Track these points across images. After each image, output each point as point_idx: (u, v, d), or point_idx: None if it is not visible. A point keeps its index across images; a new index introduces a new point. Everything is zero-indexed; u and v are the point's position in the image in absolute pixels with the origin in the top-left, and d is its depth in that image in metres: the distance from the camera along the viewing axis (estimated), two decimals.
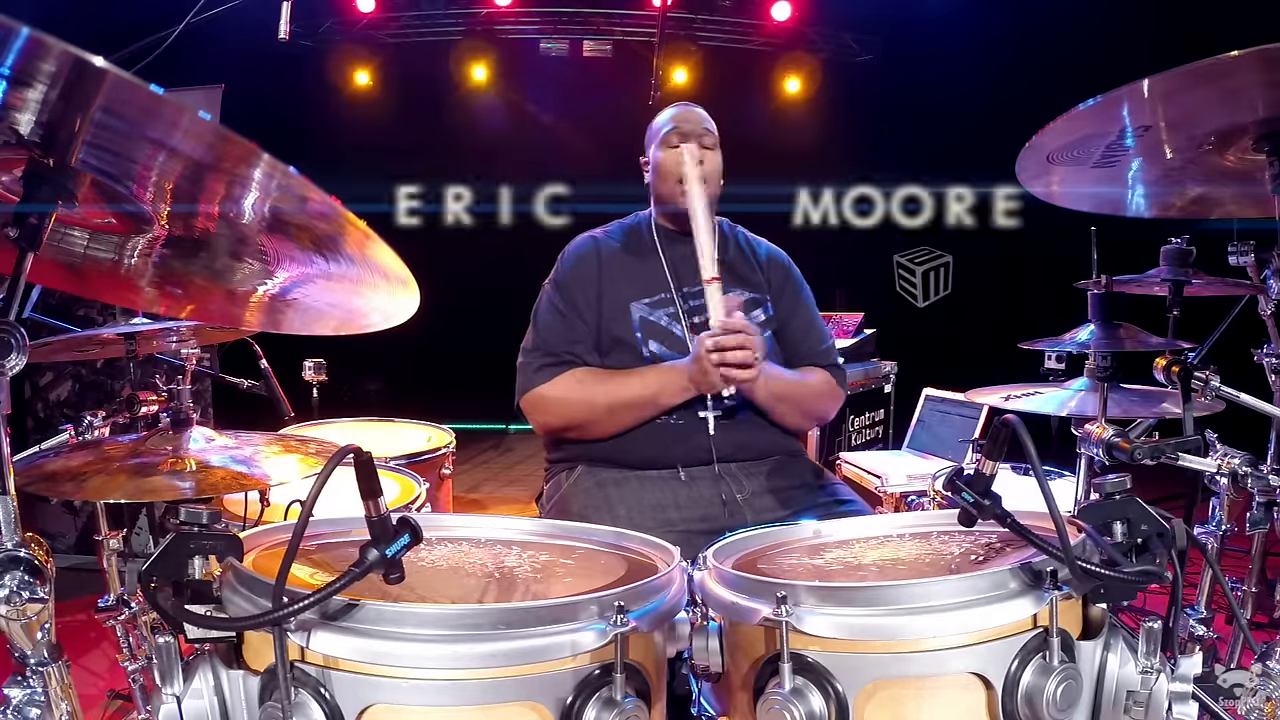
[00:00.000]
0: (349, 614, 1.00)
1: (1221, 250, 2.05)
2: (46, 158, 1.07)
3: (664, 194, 2.21)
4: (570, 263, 2.22)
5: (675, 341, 2.10)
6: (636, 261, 2.20)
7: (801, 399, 2.16)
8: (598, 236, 2.27)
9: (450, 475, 2.92)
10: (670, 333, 2.11)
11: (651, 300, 2.15)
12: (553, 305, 2.16)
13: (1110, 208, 1.94)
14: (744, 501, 2.01)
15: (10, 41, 0.78)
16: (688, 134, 2.18)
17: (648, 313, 2.14)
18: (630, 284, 2.16)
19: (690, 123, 2.21)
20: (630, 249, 2.23)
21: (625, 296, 2.14)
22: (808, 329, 2.26)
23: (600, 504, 2.00)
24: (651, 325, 2.13)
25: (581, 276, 2.17)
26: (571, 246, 2.27)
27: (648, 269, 2.19)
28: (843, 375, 2.28)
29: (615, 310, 2.13)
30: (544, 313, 2.17)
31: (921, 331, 7.09)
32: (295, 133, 7.10)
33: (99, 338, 2.17)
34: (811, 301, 2.32)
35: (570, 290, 2.16)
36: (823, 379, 2.22)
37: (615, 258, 2.21)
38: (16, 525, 1.03)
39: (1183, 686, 1.08)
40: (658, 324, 2.13)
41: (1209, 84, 1.35)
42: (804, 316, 2.27)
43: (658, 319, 2.14)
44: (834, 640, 1.04)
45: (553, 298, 2.17)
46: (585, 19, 7.68)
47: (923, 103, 7.02)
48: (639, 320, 2.12)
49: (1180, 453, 1.51)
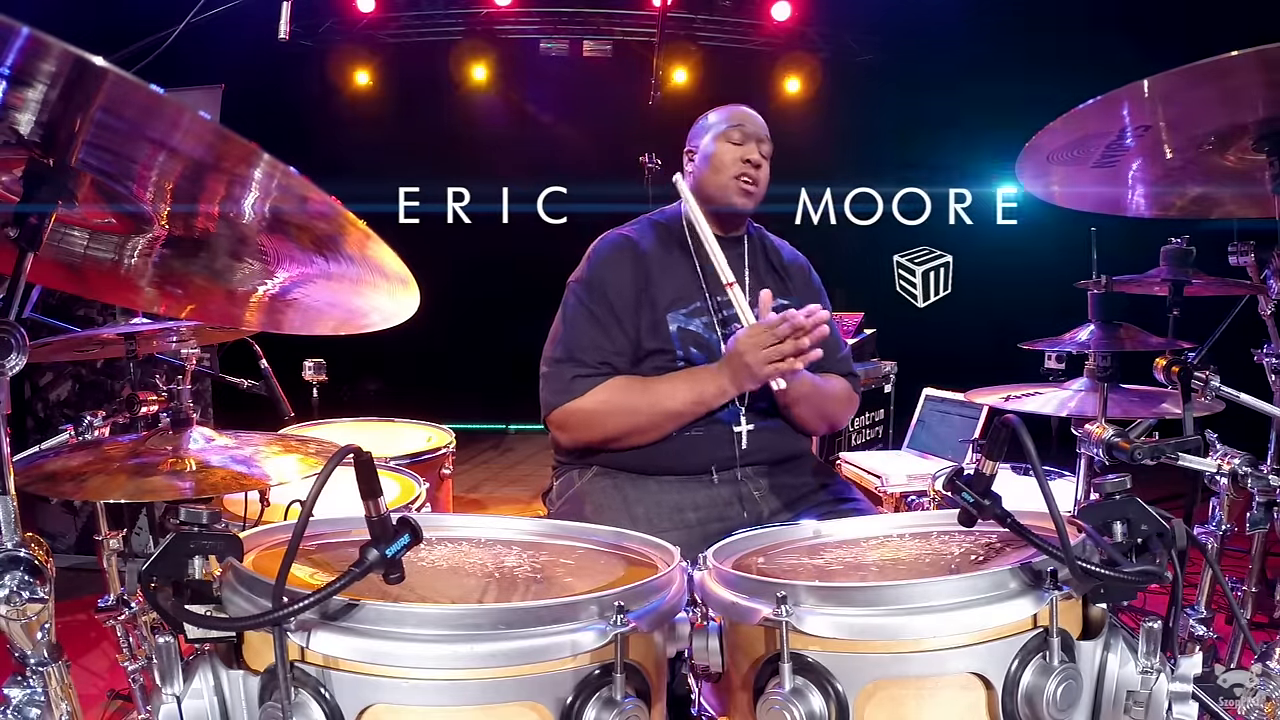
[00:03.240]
0: (349, 614, 1.00)
1: (1221, 250, 2.06)
2: (46, 158, 1.07)
3: (714, 186, 2.13)
4: (605, 264, 2.10)
5: (710, 348, 2.05)
6: (671, 265, 2.12)
7: (824, 402, 2.14)
8: (631, 236, 2.16)
9: (450, 475, 2.92)
10: (707, 342, 2.06)
11: (688, 310, 2.08)
12: (586, 309, 2.05)
13: (1110, 208, 1.94)
14: (760, 498, 2.02)
15: (10, 41, 0.78)
16: (750, 135, 2.14)
17: (685, 321, 2.07)
18: (667, 290, 2.08)
19: (754, 123, 2.17)
20: (665, 250, 2.14)
21: (663, 304, 2.06)
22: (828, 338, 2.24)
23: (618, 503, 1.98)
24: (689, 334, 2.06)
25: (618, 280, 2.06)
26: (605, 245, 2.16)
27: (682, 273, 2.11)
28: (858, 382, 2.28)
29: (654, 320, 2.05)
30: (576, 317, 2.05)
31: (921, 331, 7.09)
32: (295, 133, 7.11)
33: (99, 338, 2.17)
34: (829, 308, 2.30)
35: (605, 294, 2.05)
36: (841, 385, 2.21)
37: (652, 261, 2.11)
38: (16, 525, 1.03)
39: (1183, 686, 1.08)
40: (695, 332, 2.07)
41: (1209, 84, 1.35)
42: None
43: (694, 327, 2.07)
44: (834, 640, 1.04)
45: (585, 300, 2.06)
46: (585, 19, 7.68)
47: (923, 102, 7.02)
48: (676, 330, 2.06)
49: (1180, 453, 1.51)
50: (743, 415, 2.04)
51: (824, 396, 2.15)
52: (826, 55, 7.87)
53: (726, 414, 2.03)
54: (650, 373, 2.04)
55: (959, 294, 7.78)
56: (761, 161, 2.16)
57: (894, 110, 7.21)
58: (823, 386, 2.14)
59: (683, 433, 2.02)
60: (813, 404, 2.11)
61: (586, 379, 1.99)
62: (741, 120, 2.17)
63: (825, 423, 2.21)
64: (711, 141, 2.16)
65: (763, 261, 2.25)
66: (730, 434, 2.03)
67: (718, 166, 2.13)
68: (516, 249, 7.29)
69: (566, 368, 2.01)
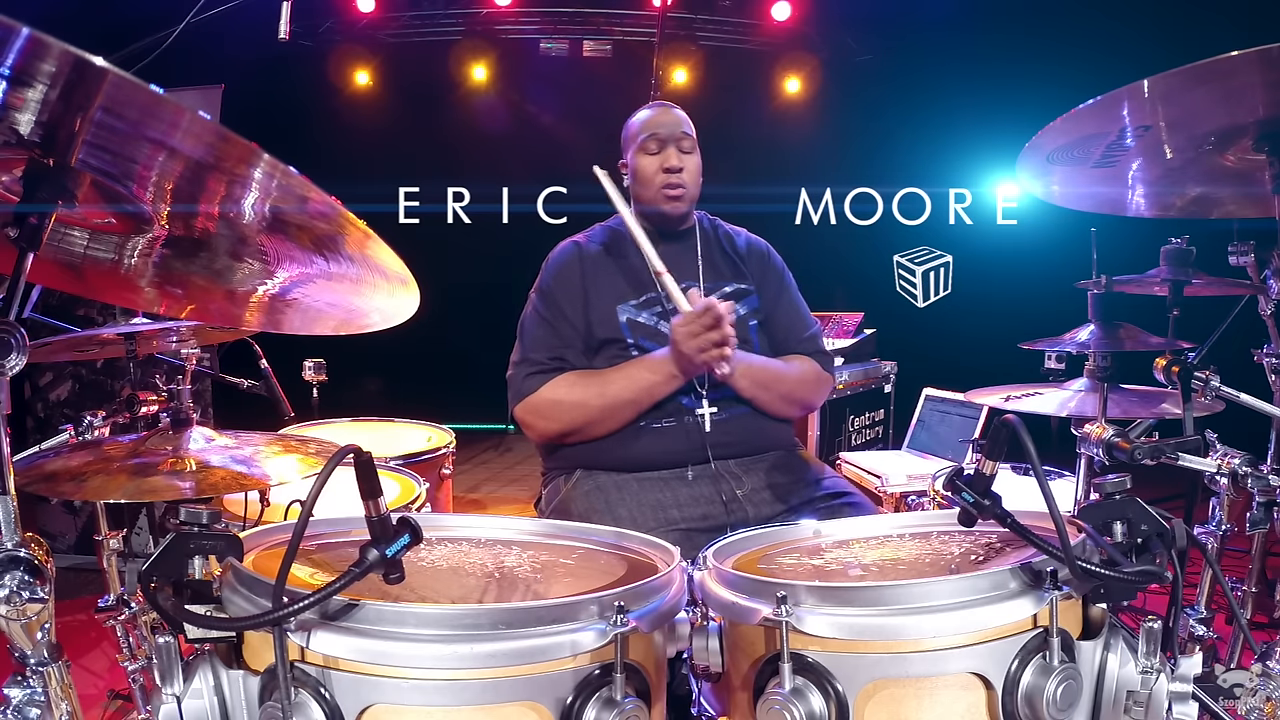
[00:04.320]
0: (349, 614, 1.00)
1: (1221, 250, 2.05)
2: (46, 158, 1.07)
3: (645, 199, 2.21)
4: (554, 270, 2.21)
5: (663, 339, 2.09)
6: (620, 262, 2.20)
7: (785, 386, 2.15)
8: (580, 241, 2.27)
9: (450, 475, 2.92)
10: (658, 331, 2.11)
11: (638, 301, 2.15)
12: (538, 314, 2.16)
13: (1110, 208, 1.94)
14: (744, 498, 2.02)
15: (10, 41, 0.78)
16: (664, 139, 2.18)
17: (634, 313, 2.14)
18: (615, 285, 2.16)
19: (666, 126, 2.20)
20: (613, 251, 2.23)
21: (611, 298, 2.14)
22: (791, 317, 2.26)
23: (601, 506, 2.00)
24: (639, 325, 2.13)
25: (566, 282, 2.17)
26: (554, 254, 2.26)
27: (631, 269, 2.19)
28: (829, 361, 2.29)
29: (602, 313, 2.13)
30: (530, 323, 2.17)
31: (921, 331, 7.09)
32: (295, 133, 7.11)
33: (99, 338, 2.17)
34: (794, 288, 2.32)
35: (555, 297, 2.16)
36: (808, 366, 2.22)
37: (599, 260, 2.21)
38: (16, 525, 1.03)
39: (1183, 686, 1.08)
40: (645, 323, 2.14)
41: (1209, 84, 1.35)
42: (787, 305, 2.27)
43: (645, 319, 2.14)
44: (834, 640, 1.04)
45: (538, 306, 2.17)
46: (585, 19, 7.68)
47: (923, 102, 7.02)
48: (626, 321, 2.13)
49: (1180, 453, 1.51)
50: (704, 400, 2.07)
51: (787, 381, 2.16)
52: (826, 55, 7.87)
53: (688, 400, 2.07)
54: (605, 363, 2.10)
55: (959, 294, 7.78)
56: (682, 163, 2.18)
57: (894, 110, 7.21)
58: (782, 370, 2.16)
59: (651, 424, 2.06)
60: (772, 389, 2.13)
61: (538, 375, 2.08)
62: (653, 127, 2.20)
63: (794, 405, 2.21)
64: (633, 156, 2.23)
65: (716, 249, 2.28)
66: (697, 422, 2.06)
67: (643, 180, 2.21)
68: (516, 249, 7.28)
69: (522, 368, 2.11)
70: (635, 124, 2.26)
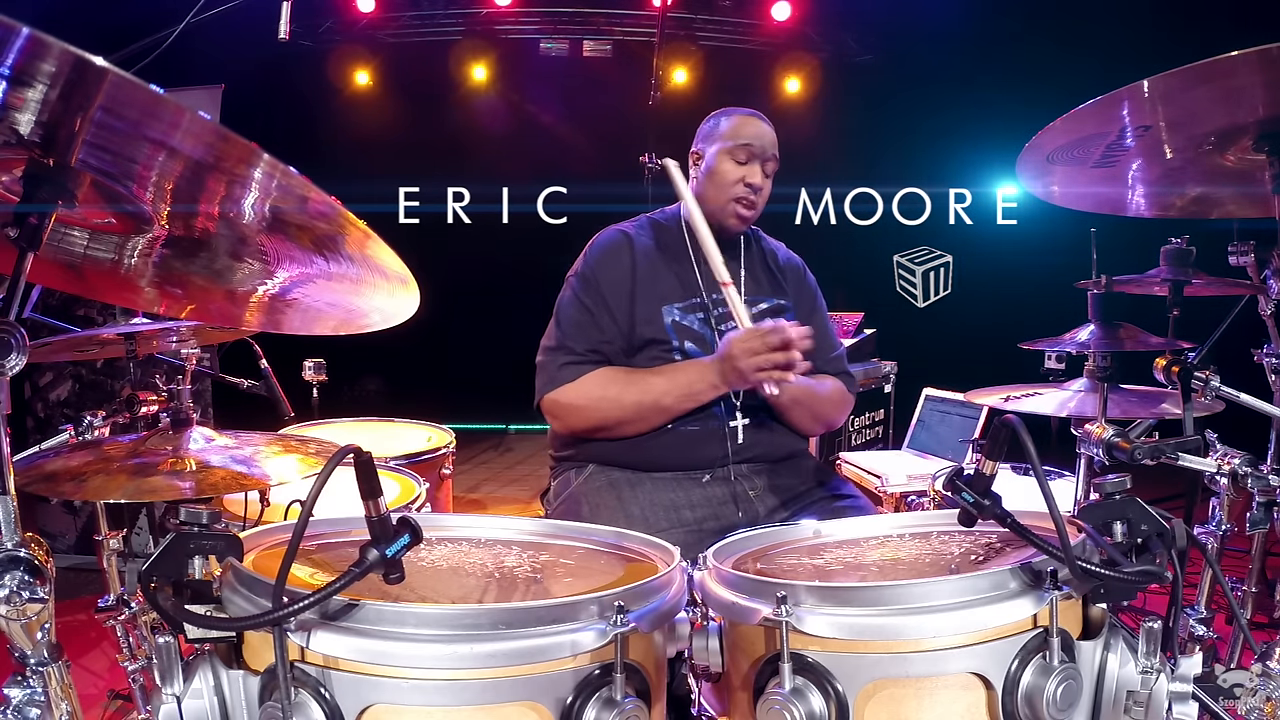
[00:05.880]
0: (349, 614, 1.00)
1: (1221, 250, 2.05)
2: (46, 158, 1.07)
3: (713, 201, 2.13)
4: (600, 257, 2.14)
5: (706, 344, 2.07)
6: (669, 262, 2.14)
7: (817, 405, 2.15)
8: (629, 232, 2.19)
9: (450, 475, 2.92)
10: (702, 336, 2.08)
11: (684, 305, 2.10)
12: (579, 301, 2.08)
13: (1110, 208, 1.94)
14: (756, 498, 2.02)
15: (10, 41, 0.78)
16: (756, 154, 2.12)
17: (680, 316, 2.09)
18: (663, 285, 2.10)
19: (761, 141, 2.13)
20: (662, 248, 2.16)
21: (658, 298, 2.09)
22: (821, 337, 2.21)
23: (613, 503, 1.99)
24: (684, 328, 2.08)
25: (613, 272, 2.10)
26: (601, 240, 2.18)
27: (680, 270, 2.13)
28: (853, 382, 2.28)
29: (649, 311, 2.07)
30: (569, 309, 2.09)
31: (921, 331, 7.09)
32: (295, 133, 7.11)
33: (99, 338, 2.16)
34: (824, 308, 2.30)
35: (599, 286, 2.08)
36: (835, 386, 2.21)
37: (648, 256, 2.13)
38: (16, 525, 1.03)
39: (1183, 686, 1.08)
40: (690, 327, 2.09)
41: (1209, 84, 1.35)
42: (819, 323, 2.23)
43: (690, 322, 2.09)
44: (834, 640, 1.04)
45: (579, 293, 2.09)
46: (585, 19, 7.68)
47: (923, 102, 7.02)
48: (671, 324, 2.08)
49: (1180, 453, 1.51)
50: (738, 412, 2.05)
51: (817, 399, 2.15)
52: (826, 55, 7.87)
53: (721, 410, 2.04)
54: (647, 363, 2.06)
55: (959, 294, 7.78)
56: (764, 184, 2.14)
57: (894, 110, 7.20)
58: (816, 389, 2.14)
59: (678, 428, 2.03)
60: (806, 407, 2.12)
61: (575, 365, 2.03)
62: (750, 139, 2.13)
63: (820, 424, 2.22)
64: (716, 155, 2.14)
65: (758, 262, 2.26)
66: (725, 431, 2.04)
67: (719, 183, 2.13)
68: (516, 249, 7.28)
69: (557, 355, 2.05)
70: (728, 124, 2.16)
